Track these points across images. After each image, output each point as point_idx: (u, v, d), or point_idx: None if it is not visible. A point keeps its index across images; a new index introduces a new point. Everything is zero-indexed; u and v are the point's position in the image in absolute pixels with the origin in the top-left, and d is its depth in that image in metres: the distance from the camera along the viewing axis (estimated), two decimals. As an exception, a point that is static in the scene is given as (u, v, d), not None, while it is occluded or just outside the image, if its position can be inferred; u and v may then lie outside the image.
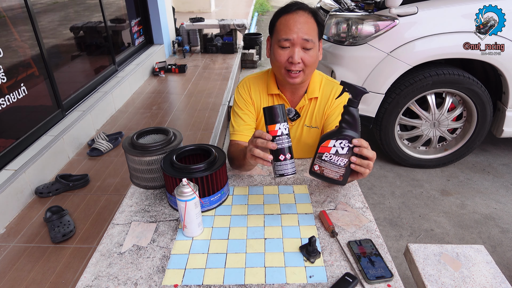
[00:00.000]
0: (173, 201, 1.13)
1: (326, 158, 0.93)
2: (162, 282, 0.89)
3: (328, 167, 0.94)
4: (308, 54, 1.23)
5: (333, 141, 0.91)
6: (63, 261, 1.77)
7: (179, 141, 1.27)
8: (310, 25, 1.21)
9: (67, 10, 3.14)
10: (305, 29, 1.20)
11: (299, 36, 1.20)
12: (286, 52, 1.24)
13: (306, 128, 1.41)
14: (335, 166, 0.94)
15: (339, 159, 0.92)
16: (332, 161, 0.93)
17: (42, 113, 2.63)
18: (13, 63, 2.34)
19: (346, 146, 0.91)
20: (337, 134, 0.91)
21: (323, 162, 0.94)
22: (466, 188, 2.61)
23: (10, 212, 2.05)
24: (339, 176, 0.95)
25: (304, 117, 1.40)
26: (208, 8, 8.70)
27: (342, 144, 0.91)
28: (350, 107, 0.90)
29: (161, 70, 4.42)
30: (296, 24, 1.20)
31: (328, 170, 0.95)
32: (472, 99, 2.48)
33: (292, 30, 1.20)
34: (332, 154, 0.92)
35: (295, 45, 1.21)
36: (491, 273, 1.19)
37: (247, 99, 1.40)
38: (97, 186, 2.33)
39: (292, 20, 1.20)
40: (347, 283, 0.85)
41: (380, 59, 2.40)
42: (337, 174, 0.95)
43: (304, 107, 1.39)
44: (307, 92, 1.37)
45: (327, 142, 0.91)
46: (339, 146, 0.91)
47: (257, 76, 1.43)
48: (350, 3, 2.77)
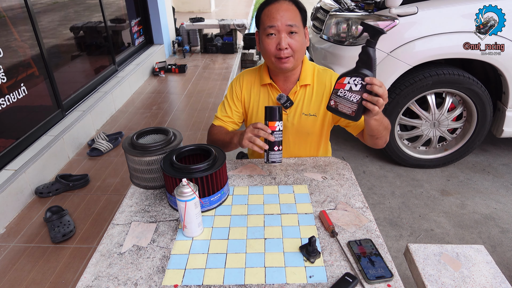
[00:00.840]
0: (173, 201, 1.13)
1: (340, 94, 0.99)
2: (162, 282, 0.89)
3: (343, 103, 0.99)
4: (294, 39, 1.28)
5: (348, 78, 0.96)
6: (63, 261, 1.77)
7: (179, 141, 1.27)
8: (292, 12, 1.28)
9: (67, 10, 3.14)
10: (288, 16, 1.26)
11: (283, 22, 1.26)
12: (273, 40, 1.29)
13: (304, 117, 1.42)
14: (348, 101, 0.98)
15: (352, 95, 0.97)
16: (346, 97, 0.98)
17: (42, 113, 2.63)
18: (13, 63, 2.34)
19: (359, 84, 0.95)
20: (352, 71, 0.96)
21: (338, 98, 1.00)
22: (466, 188, 2.61)
23: (10, 212, 2.05)
24: (351, 111, 1.00)
25: (301, 105, 1.42)
26: (208, 8, 8.70)
27: (355, 81, 0.96)
28: (368, 47, 0.94)
29: (161, 70, 4.42)
30: (278, 12, 1.26)
31: (342, 105, 1.00)
32: (472, 99, 2.48)
33: (275, 18, 1.26)
34: (346, 90, 0.97)
35: (281, 31, 1.27)
36: (491, 273, 1.19)
37: (238, 93, 1.49)
38: (97, 186, 2.33)
39: (274, 9, 1.27)
40: (347, 283, 0.85)
41: (380, 59, 2.40)
42: (350, 109, 1.00)
43: (297, 94, 1.42)
44: (299, 79, 1.41)
45: (342, 79, 0.96)
46: (353, 83, 0.96)
47: (252, 69, 1.51)
48: (350, 3, 2.77)
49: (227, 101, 1.50)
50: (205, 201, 1.10)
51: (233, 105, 1.49)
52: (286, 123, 1.43)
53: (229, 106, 1.49)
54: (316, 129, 1.45)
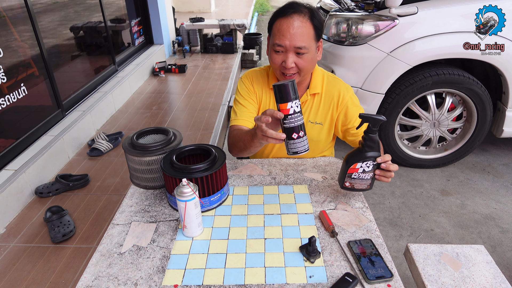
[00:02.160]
0: (173, 201, 1.13)
1: (355, 176, 1.08)
2: (162, 282, 0.89)
3: (358, 182, 1.10)
4: (302, 58, 1.23)
5: (360, 163, 1.05)
6: (63, 261, 1.77)
7: (179, 141, 1.27)
8: (305, 30, 1.20)
9: (67, 10, 3.14)
10: (298, 36, 1.19)
11: (291, 43, 1.20)
12: (280, 56, 1.25)
13: (310, 124, 1.42)
14: (363, 180, 1.09)
15: (366, 175, 1.08)
16: (361, 178, 1.08)
17: (42, 113, 2.63)
18: (13, 63, 2.34)
19: (371, 165, 1.06)
20: (363, 157, 1.04)
21: (353, 180, 1.09)
22: (466, 188, 2.61)
23: (10, 212, 2.05)
24: (366, 186, 1.11)
25: (307, 113, 1.41)
26: (208, 8, 8.70)
27: (367, 165, 1.05)
28: (371, 134, 1.02)
29: (161, 70, 4.42)
30: (289, 30, 1.19)
31: (357, 184, 1.10)
32: (472, 99, 2.48)
33: (285, 36, 1.20)
34: (360, 173, 1.07)
35: (288, 51, 1.22)
36: (491, 273, 1.19)
37: (250, 88, 1.42)
38: (97, 186, 2.33)
39: (285, 26, 1.19)
40: (347, 283, 0.85)
41: (380, 59, 2.40)
42: (365, 185, 1.10)
43: (306, 103, 1.40)
44: (309, 87, 1.38)
45: (355, 165, 1.06)
46: (365, 166, 1.06)
47: (260, 69, 1.47)
48: (350, 3, 2.77)
49: (242, 96, 1.42)
50: (205, 201, 1.10)
51: (248, 98, 1.41)
52: None
53: (245, 100, 1.40)
54: (322, 137, 1.44)
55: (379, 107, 2.55)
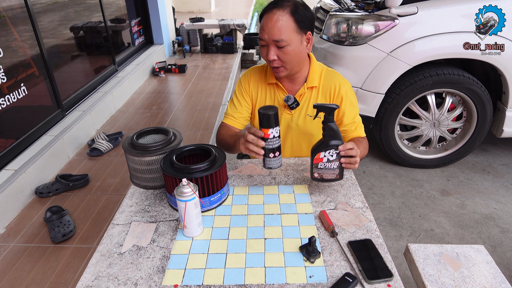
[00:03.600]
0: (173, 201, 1.13)
1: (321, 166, 1.12)
2: (162, 282, 0.89)
3: (325, 172, 1.14)
4: (283, 51, 1.27)
5: (323, 152, 1.10)
6: (63, 261, 1.77)
7: (179, 141, 1.27)
8: (283, 23, 1.23)
9: (67, 10, 3.14)
10: (275, 30, 1.23)
11: (270, 37, 1.25)
12: (265, 49, 1.31)
13: (309, 118, 1.43)
14: (330, 170, 1.13)
15: (331, 164, 1.12)
16: (327, 167, 1.12)
17: (42, 113, 2.63)
18: (13, 63, 2.34)
19: (334, 153, 1.10)
20: (324, 146, 1.09)
21: (320, 170, 1.13)
22: (466, 188, 2.61)
23: (10, 212, 2.05)
24: (335, 175, 1.14)
25: (305, 107, 1.43)
26: (208, 8, 8.70)
27: (330, 153, 1.10)
28: (328, 123, 1.08)
29: (161, 70, 4.42)
30: (267, 24, 1.25)
31: (326, 174, 1.14)
32: (472, 99, 2.48)
33: (264, 30, 1.26)
34: (325, 162, 1.11)
35: (269, 44, 1.27)
36: (491, 273, 1.19)
37: (246, 88, 1.49)
38: (97, 186, 2.33)
39: (266, 20, 1.26)
40: (347, 283, 0.85)
41: (380, 59, 2.40)
42: (333, 175, 1.14)
43: (304, 96, 1.42)
44: (307, 81, 1.41)
45: (318, 155, 1.10)
46: (329, 155, 1.10)
47: (259, 67, 1.52)
48: (350, 3, 2.77)
49: (236, 97, 1.50)
50: (205, 201, 1.10)
51: (242, 100, 1.48)
52: (291, 123, 1.45)
53: (238, 101, 1.49)
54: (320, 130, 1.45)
55: (379, 107, 2.55)
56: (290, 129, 1.46)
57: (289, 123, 1.45)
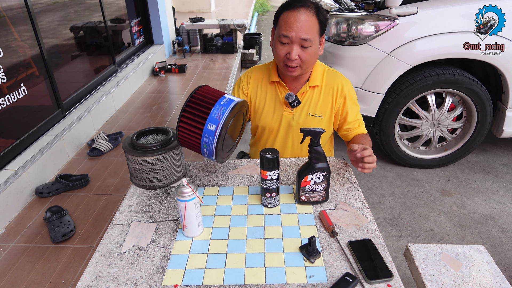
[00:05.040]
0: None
1: (308, 189, 1.12)
2: (162, 282, 0.89)
3: (312, 195, 1.13)
4: (306, 51, 1.27)
5: (310, 175, 1.09)
6: (63, 261, 1.77)
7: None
8: (310, 23, 1.24)
9: (67, 10, 3.14)
10: (304, 28, 1.23)
11: (297, 35, 1.23)
12: (285, 47, 1.28)
13: (310, 117, 1.43)
14: (317, 192, 1.13)
15: (318, 186, 1.11)
16: (314, 189, 1.12)
17: (42, 113, 2.63)
18: (13, 63, 2.34)
19: (321, 176, 1.10)
20: (311, 169, 1.09)
21: (307, 192, 1.13)
22: (466, 188, 2.61)
23: (10, 212, 2.05)
24: (322, 197, 1.14)
25: (307, 106, 1.43)
26: (208, 8, 8.69)
27: (317, 176, 1.09)
28: (315, 147, 1.08)
29: (161, 70, 4.42)
30: (295, 23, 1.23)
31: (313, 197, 1.14)
32: (472, 99, 2.48)
33: (291, 28, 1.23)
34: (312, 184, 1.11)
35: (294, 43, 1.25)
36: (491, 273, 1.19)
37: (244, 88, 1.50)
38: (97, 186, 2.33)
39: (292, 18, 1.23)
40: (347, 283, 0.85)
41: (380, 59, 2.40)
42: (320, 196, 1.14)
43: (306, 94, 1.43)
44: (309, 80, 1.41)
45: (305, 178, 1.10)
46: (316, 178, 1.10)
47: (261, 66, 1.52)
48: (350, 3, 2.77)
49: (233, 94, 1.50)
50: (214, 115, 1.08)
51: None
52: (292, 122, 1.45)
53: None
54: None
55: (379, 107, 2.55)
56: (291, 127, 1.46)
57: (290, 122, 1.45)
